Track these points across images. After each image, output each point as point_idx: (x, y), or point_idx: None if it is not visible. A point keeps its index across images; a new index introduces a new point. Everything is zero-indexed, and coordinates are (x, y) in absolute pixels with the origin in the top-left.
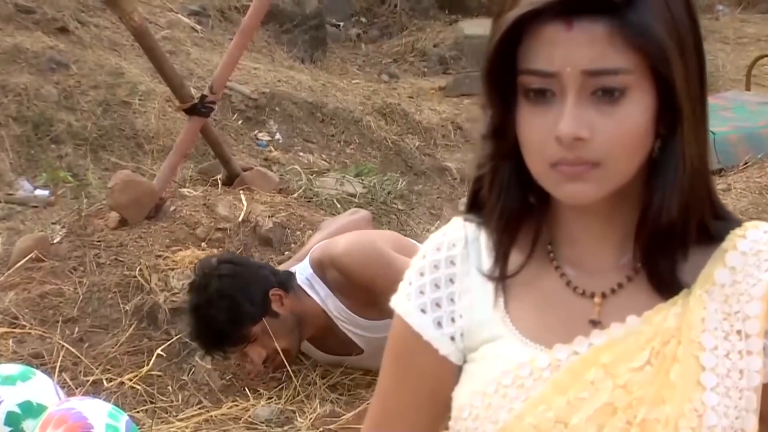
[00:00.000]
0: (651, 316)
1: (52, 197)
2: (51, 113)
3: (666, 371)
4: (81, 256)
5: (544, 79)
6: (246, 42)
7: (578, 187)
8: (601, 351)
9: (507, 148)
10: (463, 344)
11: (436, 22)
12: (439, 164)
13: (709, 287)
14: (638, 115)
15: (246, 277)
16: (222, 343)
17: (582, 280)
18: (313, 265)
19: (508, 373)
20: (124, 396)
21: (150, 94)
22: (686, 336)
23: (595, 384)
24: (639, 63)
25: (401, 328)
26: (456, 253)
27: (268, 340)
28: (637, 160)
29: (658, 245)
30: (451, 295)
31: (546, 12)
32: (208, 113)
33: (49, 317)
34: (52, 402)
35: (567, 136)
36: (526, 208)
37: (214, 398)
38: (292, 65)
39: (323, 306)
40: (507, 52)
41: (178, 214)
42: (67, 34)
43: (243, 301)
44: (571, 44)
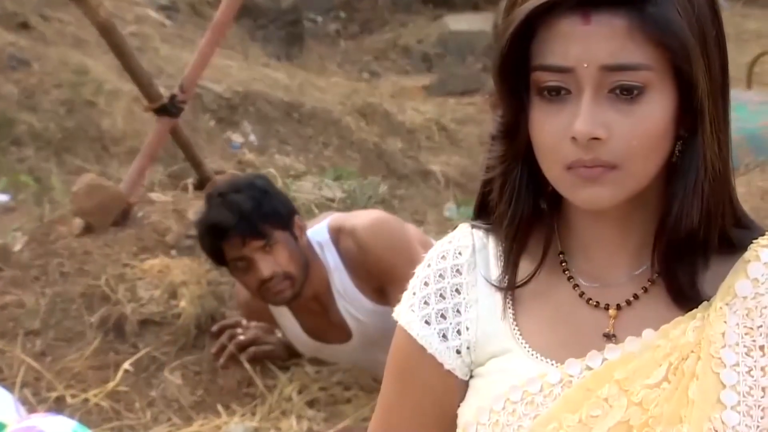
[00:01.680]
0: (668, 329)
1: (13, 202)
2: (11, 113)
3: (684, 388)
4: (43, 265)
5: (559, 76)
6: (218, 38)
7: (595, 191)
8: (615, 366)
9: (519, 149)
10: (470, 358)
11: (419, 17)
12: (422, 167)
13: (730, 300)
14: (658, 115)
15: (278, 191)
16: (239, 232)
17: (596, 291)
18: (331, 232)
19: (517, 389)
20: (89, 413)
21: (117, 94)
22: (706, 351)
23: (609, 401)
24: (659, 59)
25: (404, 340)
26: (462, 262)
27: (282, 255)
28: (656, 163)
29: (677, 254)
30: (457, 305)
31: (562, 5)
32: (178, 113)
33: (9, 329)
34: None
35: (583, 135)
36: (537, 214)
37: (184, 415)
38: (267, 63)
39: (328, 276)
40: (520, 47)
41: (146, 221)
42: (29, 30)
43: (274, 199)
44: (589, 38)
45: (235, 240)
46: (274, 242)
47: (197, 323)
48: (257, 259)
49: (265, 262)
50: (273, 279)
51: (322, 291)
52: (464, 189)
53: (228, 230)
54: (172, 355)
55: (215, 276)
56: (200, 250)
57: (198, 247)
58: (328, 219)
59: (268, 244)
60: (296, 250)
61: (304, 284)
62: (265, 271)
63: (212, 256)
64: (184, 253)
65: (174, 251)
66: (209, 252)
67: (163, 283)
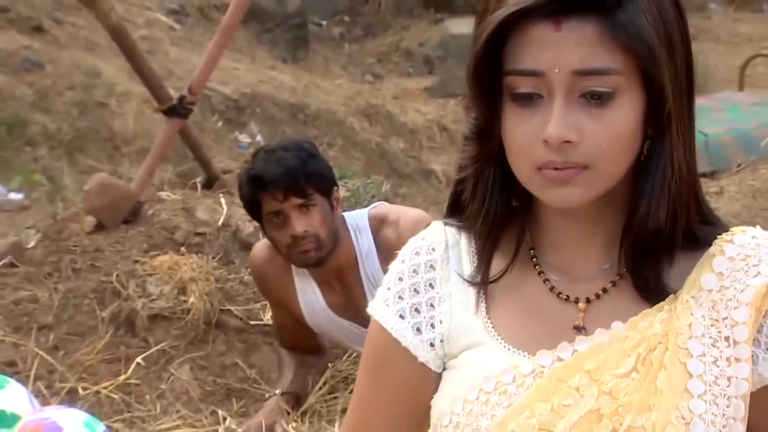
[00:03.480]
0: (636, 321)
1: (27, 201)
2: (25, 114)
3: (653, 378)
4: (56, 262)
5: (531, 80)
6: (226, 41)
7: (565, 191)
8: (585, 357)
9: (492, 150)
10: (443, 350)
11: (421, 21)
12: (424, 167)
13: (696, 293)
14: (627, 118)
15: (324, 159)
16: (282, 185)
17: (566, 286)
18: (371, 219)
19: (490, 379)
20: (100, 405)
21: (127, 95)
22: (673, 342)
23: (579, 390)
24: (628, 64)
25: (379, 334)
26: (436, 258)
27: (318, 218)
28: (625, 163)
29: (643, 251)
30: (430, 300)
31: (534, 12)
32: (187, 114)
33: (24, 324)
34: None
35: (555, 139)
36: (509, 211)
37: (193, 408)
38: (273, 65)
39: (359, 258)
40: (493, 52)
41: (156, 219)
42: (43, 34)
43: (320, 164)
44: (560, 45)
45: (276, 193)
46: (312, 203)
47: (206, 319)
48: (293, 215)
49: (300, 220)
50: (304, 238)
51: (347, 268)
52: None
53: (271, 182)
54: (181, 349)
55: (223, 273)
56: (209, 248)
57: (206, 244)
58: (369, 207)
59: (306, 204)
60: (330, 218)
61: (331, 253)
62: (299, 228)
63: (249, 208)
64: (192, 251)
65: (183, 248)
66: (248, 202)
67: (172, 280)
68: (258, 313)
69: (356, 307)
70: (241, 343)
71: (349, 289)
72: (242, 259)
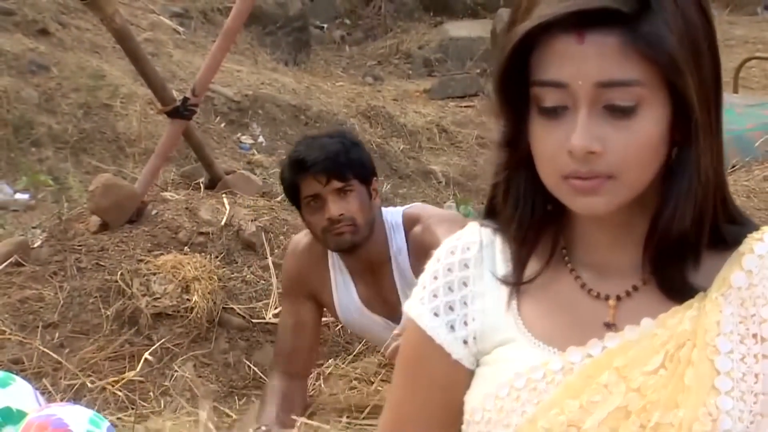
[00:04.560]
0: (666, 318)
1: (33, 201)
2: (31, 116)
3: (680, 375)
4: (61, 261)
5: (556, 92)
6: (229, 44)
7: (591, 200)
8: (614, 354)
9: (520, 157)
10: (476, 348)
11: (420, 24)
12: (424, 167)
13: (725, 290)
14: (652, 128)
15: (365, 149)
16: (323, 168)
17: (596, 283)
18: (405, 217)
19: (521, 375)
20: (105, 402)
21: (132, 97)
22: (701, 339)
23: (608, 387)
24: (652, 74)
25: (414, 332)
26: (470, 256)
27: (355, 204)
28: (651, 171)
29: (667, 255)
30: (464, 298)
31: (557, 25)
32: (190, 116)
33: (29, 322)
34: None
35: (579, 149)
36: (544, 216)
37: (196, 404)
38: (275, 67)
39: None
40: (519, 62)
41: (159, 218)
42: (48, 36)
43: (362, 152)
44: (583, 57)
45: (319, 175)
46: (350, 189)
47: (209, 317)
48: (330, 199)
49: (337, 203)
50: (340, 222)
51: (379, 263)
52: (463, 188)
53: (313, 164)
54: (184, 347)
55: (226, 272)
56: (211, 248)
57: (209, 244)
58: (405, 206)
59: (344, 189)
60: (368, 206)
61: (366, 240)
62: (335, 211)
63: (288, 191)
64: (196, 250)
65: (186, 248)
66: (287, 185)
67: (176, 279)
68: (260, 311)
69: (387, 302)
70: (244, 341)
71: (381, 284)
72: (244, 259)
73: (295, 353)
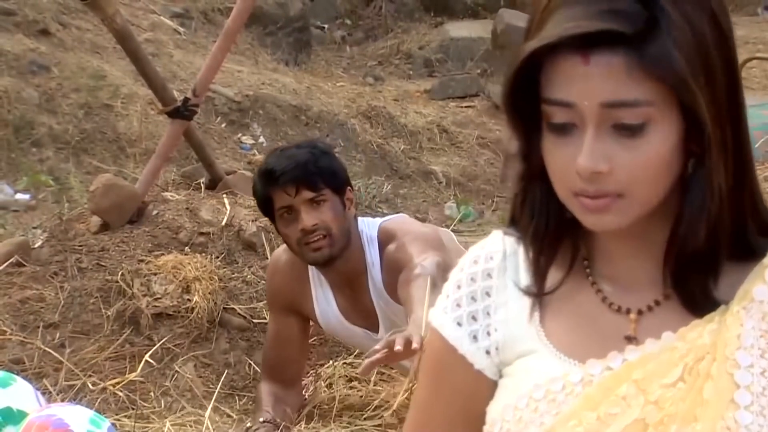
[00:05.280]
0: (686, 332)
1: (33, 201)
2: (32, 116)
3: (699, 388)
4: (62, 261)
5: (564, 111)
6: (229, 44)
7: (601, 218)
8: (634, 367)
9: (534, 169)
10: (499, 358)
11: (421, 24)
12: (424, 168)
13: (747, 303)
14: (661, 146)
15: (338, 158)
16: (292, 177)
17: (618, 297)
18: (381, 231)
19: (540, 387)
20: (106, 402)
21: (132, 97)
22: (721, 353)
23: (626, 400)
24: (660, 93)
25: (437, 341)
26: (493, 266)
27: (329, 214)
28: (663, 187)
29: (687, 269)
30: (487, 308)
31: (563, 45)
32: (191, 116)
33: (30, 322)
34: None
35: (585, 170)
36: (563, 225)
37: (197, 404)
38: (276, 68)
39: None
40: (528, 79)
41: (160, 219)
42: (49, 37)
43: (333, 161)
44: (589, 78)
45: (287, 186)
46: (322, 198)
47: (209, 317)
48: (303, 209)
49: (310, 214)
50: (314, 232)
51: (357, 273)
52: (464, 188)
53: (282, 174)
54: (185, 347)
55: (226, 272)
56: (212, 248)
57: (210, 244)
58: (383, 219)
59: (316, 199)
60: (342, 216)
61: (343, 251)
62: (309, 221)
63: (261, 204)
64: (196, 250)
65: (187, 248)
66: (260, 198)
67: (176, 279)
68: (261, 311)
69: (365, 313)
70: (244, 341)
71: (358, 296)
72: (245, 259)
73: (282, 365)
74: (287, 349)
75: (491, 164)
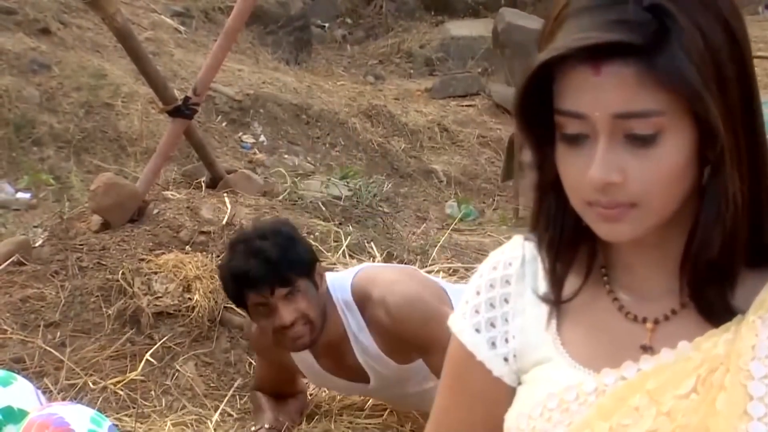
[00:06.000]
0: (701, 342)
1: (34, 200)
2: (33, 115)
3: (712, 399)
4: (63, 260)
5: (576, 121)
6: (230, 43)
7: (615, 228)
8: (648, 376)
9: (549, 179)
10: (516, 365)
11: (422, 23)
12: (425, 166)
13: (763, 313)
14: (674, 155)
15: (302, 237)
16: (267, 282)
17: (635, 306)
18: (355, 295)
19: (554, 396)
20: (107, 401)
21: (133, 96)
22: (735, 364)
23: (639, 410)
24: (672, 103)
25: (456, 346)
26: (512, 273)
27: (304, 301)
28: (678, 196)
29: (703, 278)
30: (505, 314)
31: (573, 56)
32: (191, 115)
33: (31, 321)
34: (33, 407)
35: (597, 181)
36: (579, 233)
37: (198, 403)
38: (276, 67)
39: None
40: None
41: (161, 217)
42: (49, 36)
43: (300, 246)
44: (600, 88)
45: (263, 288)
46: (297, 290)
47: (210, 316)
48: (280, 305)
49: (287, 309)
50: (295, 323)
51: (338, 339)
52: (465, 187)
53: (256, 279)
54: (185, 346)
55: None
56: (213, 247)
57: (210, 243)
58: (351, 277)
59: (291, 292)
60: (316, 298)
61: (321, 331)
62: (287, 318)
63: (235, 301)
64: (197, 249)
65: (188, 247)
66: (233, 297)
67: (177, 278)
68: None
69: (351, 370)
70: (245, 340)
71: (343, 358)
72: None
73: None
74: (279, 381)
75: (492, 163)
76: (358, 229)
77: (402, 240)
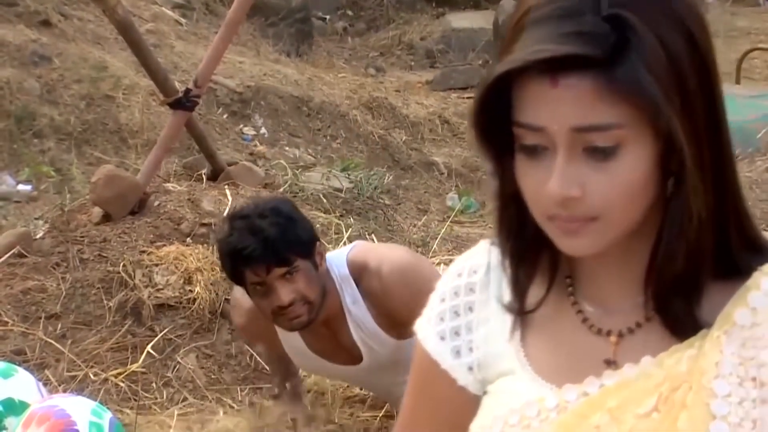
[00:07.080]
0: (664, 358)
1: (35, 192)
2: (34, 107)
3: (674, 419)
4: (64, 252)
5: (535, 134)
6: (231, 35)
7: (575, 242)
8: (610, 393)
9: (508, 189)
10: (481, 375)
11: (423, 15)
12: (426, 159)
13: (728, 328)
14: (635, 168)
15: (302, 217)
16: (264, 260)
17: (599, 318)
18: (351, 267)
19: (515, 412)
20: (108, 393)
21: (134, 88)
22: (698, 381)
23: (600, 429)
24: (632, 115)
25: (422, 353)
26: (476, 281)
27: (303, 282)
28: (639, 208)
29: (668, 291)
30: (469, 323)
31: (531, 67)
32: (192, 107)
33: (32, 313)
34: (34, 399)
35: (556, 196)
36: (541, 242)
37: (199, 395)
38: (277, 59)
39: (344, 308)
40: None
41: (162, 210)
42: (50, 28)
43: (299, 226)
44: (558, 101)
45: (258, 269)
46: (295, 270)
47: (211, 308)
48: (278, 285)
49: (285, 289)
50: (293, 304)
51: (334, 316)
52: (465, 179)
53: (253, 257)
54: (187, 338)
55: None
56: (214, 238)
57: (211, 235)
58: (347, 251)
59: (290, 272)
60: (315, 278)
61: (321, 310)
62: (285, 298)
63: (232, 278)
64: (198, 241)
65: (189, 239)
66: (229, 274)
67: (178, 270)
68: None
69: (344, 351)
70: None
71: (336, 332)
72: None
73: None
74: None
75: None
76: (359, 221)
77: (403, 232)
